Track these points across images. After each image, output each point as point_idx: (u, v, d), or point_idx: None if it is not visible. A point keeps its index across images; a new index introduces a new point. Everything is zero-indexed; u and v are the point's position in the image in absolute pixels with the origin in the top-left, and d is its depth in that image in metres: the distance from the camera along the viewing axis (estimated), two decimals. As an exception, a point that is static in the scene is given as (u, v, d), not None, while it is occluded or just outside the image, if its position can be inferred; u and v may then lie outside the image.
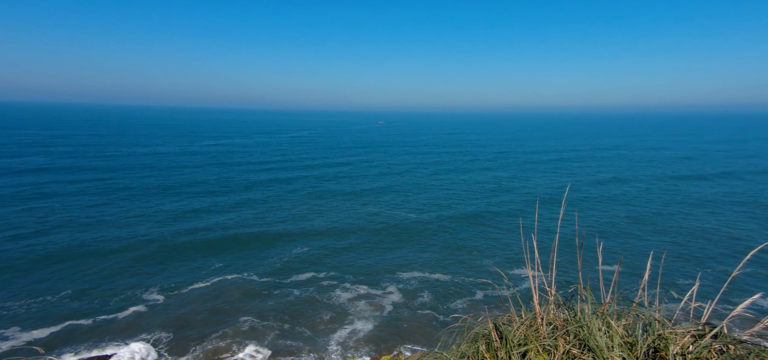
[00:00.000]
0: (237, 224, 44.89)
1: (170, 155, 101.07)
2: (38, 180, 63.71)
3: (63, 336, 23.36)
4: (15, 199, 51.03)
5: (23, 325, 24.04)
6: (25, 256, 33.91)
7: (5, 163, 78.70)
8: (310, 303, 28.15)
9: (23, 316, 24.98)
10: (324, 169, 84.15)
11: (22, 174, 68.55)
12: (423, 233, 43.78)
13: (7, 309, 25.69)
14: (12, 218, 43.07)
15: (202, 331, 24.30)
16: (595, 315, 4.17)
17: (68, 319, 24.79)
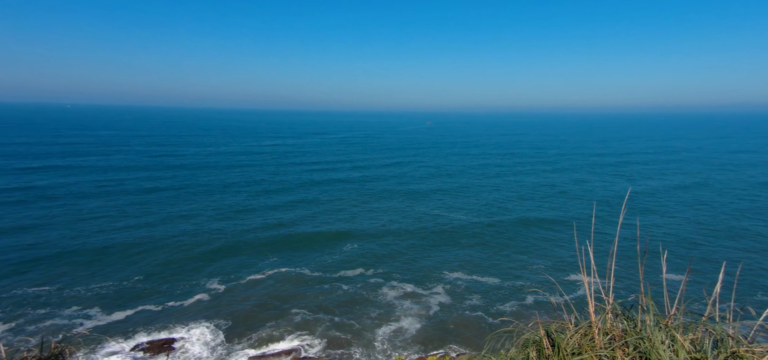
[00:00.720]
0: (291, 222, 46.79)
1: (231, 155, 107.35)
2: (118, 177, 70.55)
3: (136, 318, 25.74)
4: (100, 195, 56.81)
5: (103, 306, 26.79)
6: (107, 245, 37.72)
7: (91, 162, 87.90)
8: (358, 299, 28.72)
9: (103, 299, 27.81)
10: (374, 170, 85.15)
11: (107, 171, 76.22)
12: (472, 235, 42.98)
13: (91, 291, 28.76)
14: (98, 211, 48.03)
15: (257, 320, 25.67)
16: (658, 327, 3.93)
17: (141, 304, 27.26)
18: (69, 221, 43.75)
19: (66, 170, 74.39)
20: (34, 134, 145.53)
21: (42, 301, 26.86)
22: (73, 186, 60.69)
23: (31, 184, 61.23)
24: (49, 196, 54.44)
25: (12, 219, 43.59)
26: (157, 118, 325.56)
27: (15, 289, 28.22)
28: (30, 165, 78.36)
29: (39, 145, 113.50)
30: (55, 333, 23.30)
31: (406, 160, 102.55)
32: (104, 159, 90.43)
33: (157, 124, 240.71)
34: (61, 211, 47.65)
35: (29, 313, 25.46)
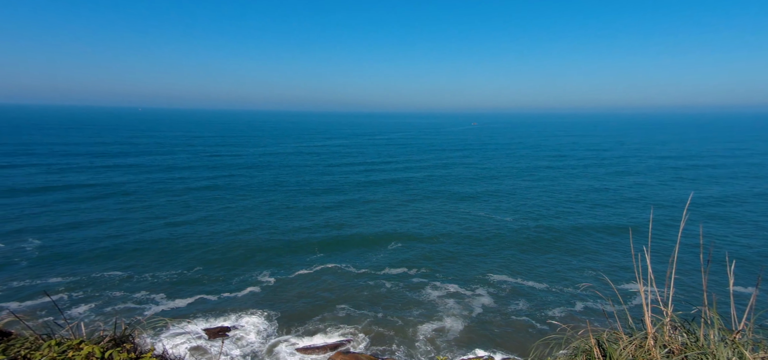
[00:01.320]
0: (338, 221, 47.95)
1: (282, 155, 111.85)
2: (182, 175, 75.99)
3: (195, 305, 27.69)
4: (166, 192, 61.53)
5: (168, 293, 29.06)
6: (172, 238, 40.81)
7: (160, 160, 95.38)
8: (401, 297, 28.91)
9: (168, 286, 30.15)
10: (419, 171, 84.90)
11: (173, 170, 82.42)
12: (519, 238, 41.65)
13: (157, 278, 31.27)
14: (165, 207, 52.09)
15: (305, 312, 26.66)
16: (723, 342, 3.66)
17: (200, 293, 29.23)
18: (141, 216, 47.86)
19: (139, 168, 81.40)
20: (112, 135, 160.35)
21: (117, 286, 29.63)
22: (145, 183, 66.22)
23: (110, 180, 67.63)
24: (124, 191, 59.83)
25: (95, 213, 48.40)
26: (214, 121, 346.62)
27: (96, 274, 31.36)
28: (109, 163, 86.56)
29: (117, 144, 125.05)
30: (127, 314, 25.65)
31: (452, 162, 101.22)
32: (170, 158, 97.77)
33: (216, 126, 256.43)
34: (135, 205, 52.23)
35: (107, 295, 28.19)
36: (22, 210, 47.24)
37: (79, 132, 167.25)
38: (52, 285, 29.17)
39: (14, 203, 50.02)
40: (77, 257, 34.27)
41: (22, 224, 42.05)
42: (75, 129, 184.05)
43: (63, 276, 30.74)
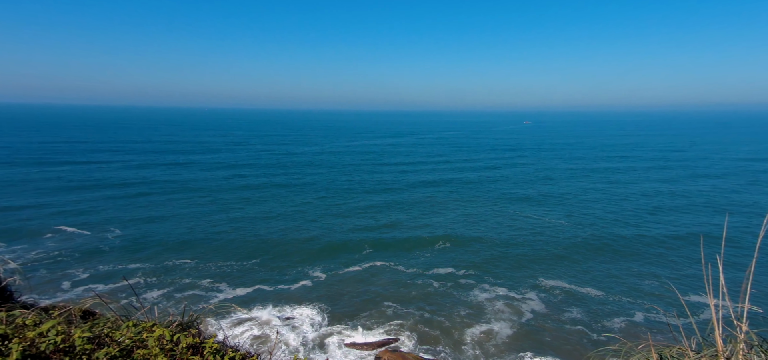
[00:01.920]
0: (387, 220, 48.59)
1: (334, 153, 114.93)
2: (242, 173, 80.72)
3: (254, 294, 29.47)
4: (229, 189, 65.72)
5: (229, 282, 31.10)
6: (233, 231, 43.60)
7: (222, 158, 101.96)
8: (448, 297, 28.64)
9: (230, 276, 32.27)
10: (469, 172, 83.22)
11: (233, 167, 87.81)
12: (574, 242, 39.58)
13: (219, 268, 33.54)
14: (228, 203, 55.74)
15: (354, 307, 27.34)
16: (808, 367, 3.28)
17: (257, 283, 30.97)
18: (207, 210, 51.74)
19: (205, 166, 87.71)
20: (179, 134, 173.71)
21: (186, 273, 32.28)
22: (210, 179, 71.21)
23: (179, 177, 73.52)
24: (192, 187, 64.78)
25: (168, 207, 53.03)
26: (272, 120, 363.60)
27: (168, 262, 34.36)
28: (180, 160, 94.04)
29: (186, 142, 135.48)
30: (194, 300, 27.82)
31: (504, 162, 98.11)
32: (231, 156, 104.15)
33: (273, 125, 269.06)
34: (202, 200, 56.50)
35: (177, 282, 30.78)
36: (106, 203, 52.78)
37: (155, 131, 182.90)
38: (131, 270, 32.35)
39: (99, 196, 55.98)
40: (152, 246, 37.70)
41: (107, 215, 46.95)
42: (151, 128, 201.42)
43: (140, 262, 33.98)
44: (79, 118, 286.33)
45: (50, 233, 39.74)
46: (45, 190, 58.27)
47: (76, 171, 74.76)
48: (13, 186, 60.41)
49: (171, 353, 3.61)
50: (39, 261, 33.20)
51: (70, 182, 64.29)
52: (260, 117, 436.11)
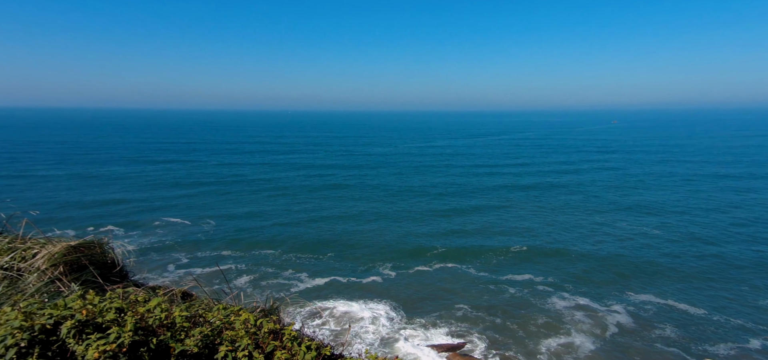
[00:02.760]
0: (460, 222, 47.77)
1: (407, 155, 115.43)
2: (321, 173, 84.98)
3: (329, 286, 30.96)
4: (310, 188, 69.69)
5: (309, 273, 33.09)
6: (312, 229, 46.17)
7: (303, 159, 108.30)
8: (523, 304, 27.34)
9: (307, 269, 34.24)
10: (549, 176, 77.55)
11: (314, 168, 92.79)
12: (671, 256, 35.41)
13: (300, 260, 35.83)
14: (309, 201, 59.18)
15: (423, 306, 27.40)
16: None
17: (332, 276, 32.52)
18: (289, 208, 55.46)
19: (288, 166, 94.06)
20: (264, 134, 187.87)
21: (270, 263, 35.00)
22: (293, 179, 76.17)
23: (263, 176, 79.78)
24: (277, 186, 69.93)
25: (254, 203, 57.99)
26: (351, 122, 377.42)
27: (255, 252, 37.53)
28: (263, 160, 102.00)
29: (269, 143, 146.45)
30: (276, 288, 30.00)
31: (589, 166, 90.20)
32: (311, 157, 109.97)
33: (351, 127, 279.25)
34: (285, 198, 60.75)
35: (262, 271, 33.50)
36: (203, 198, 59.01)
37: (244, 132, 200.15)
38: (223, 258, 35.85)
39: (197, 192, 62.73)
40: (241, 237, 41.44)
41: (204, 209, 52.51)
42: (242, 130, 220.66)
43: (231, 251, 37.53)
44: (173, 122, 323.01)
45: (158, 222, 45.52)
46: (153, 185, 66.85)
47: (178, 169, 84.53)
48: (126, 180, 70.37)
49: (254, 336, 3.97)
50: (149, 246, 38.23)
51: (173, 179, 72.90)
52: (339, 119, 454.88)
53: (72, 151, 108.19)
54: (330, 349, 4.35)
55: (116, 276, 5.15)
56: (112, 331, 3.29)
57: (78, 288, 4.31)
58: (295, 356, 3.85)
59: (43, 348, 3.10)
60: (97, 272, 4.79)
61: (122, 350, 3.20)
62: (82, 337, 3.24)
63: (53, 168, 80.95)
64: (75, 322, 3.28)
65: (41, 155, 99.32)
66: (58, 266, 4.55)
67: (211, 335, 3.79)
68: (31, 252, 4.60)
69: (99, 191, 61.33)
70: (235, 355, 3.64)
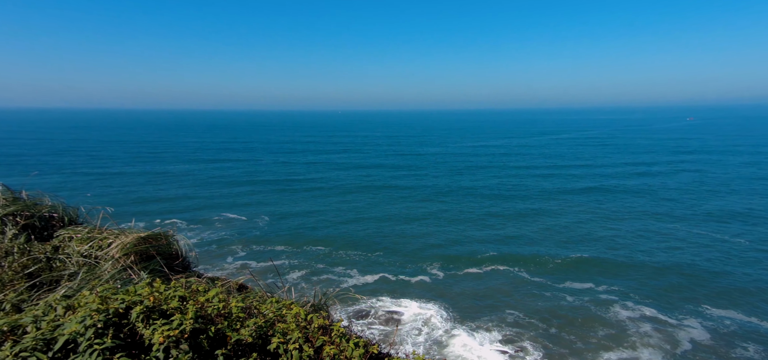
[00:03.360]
0: (515, 228, 45.96)
1: (460, 156, 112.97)
2: (371, 173, 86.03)
3: (377, 284, 31.22)
4: (360, 188, 70.85)
5: (361, 268, 33.66)
6: (363, 227, 46.81)
7: (352, 158, 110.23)
8: (582, 314, 25.73)
9: (357, 265, 34.80)
10: (614, 179, 71.81)
11: (362, 168, 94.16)
12: (758, 266, 31.43)
13: (350, 257, 36.50)
14: (369, 201, 60.08)
15: (472, 309, 26.76)
16: None
17: (381, 273, 32.80)
18: (339, 205, 56.76)
19: (336, 165, 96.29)
20: (316, 134, 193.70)
21: (321, 260, 35.99)
22: (342, 179, 77.75)
23: (314, 175, 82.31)
24: (326, 185, 71.86)
25: (306, 201, 60.11)
26: (397, 121, 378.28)
27: (306, 248, 38.81)
28: (315, 159, 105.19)
29: (321, 142, 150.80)
30: (326, 283, 30.77)
31: (660, 168, 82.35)
32: (362, 156, 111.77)
33: (399, 126, 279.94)
34: (335, 196, 62.39)
35: (313, 266, 34.58)
36: (258, 196, 61.98)
37: (297, 131, 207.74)
38: (276, 253, 37.44)
39: (252, 190, 65.91)
40: (294, 233, 43.03)
41: (259, 206, 55.13)
42: (294, 129, 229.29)
43: (283, 246, 39.10)
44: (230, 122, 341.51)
45: (217, 218, 48.42)
46: (213, 183, 71.11)
47: (236, 167, 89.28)
48: (188, 178, 75.61)
49: (304, 330, 4.06)
50: (208, 240, 40.78)
51: (232, 177, 77.16)
52: (387, 118, 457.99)
53: (143, 151, 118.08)
54: (377, 347, 4.34)
55: (179, 266, 5.53)
56: (176, 317, 3.51)
57: (146, 276, 4.68)
58: (343, 352, 3.89)
59: (116, 330, 3.36)
60: (163, 262, 5.18)
61: (184, 336, 3.39)
62: (149, 322, 3.49)
63: (127, 165, 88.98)
64: (143, 308, 3.53)
65: (117, 154, 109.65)
66: (129, 255, 4.97)
67: (264, 327, 3.93)
68: (106, 242, 5.06)
69: (165, 188, 66.47)
70: (286, 347, 3.74)
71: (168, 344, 3.26)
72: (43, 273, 4.57)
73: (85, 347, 3.06)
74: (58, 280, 4.50)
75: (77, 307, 3.52)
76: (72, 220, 5.76)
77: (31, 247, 5.00)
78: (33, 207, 5.50)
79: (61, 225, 5.56)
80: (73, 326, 3.15)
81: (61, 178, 72.65)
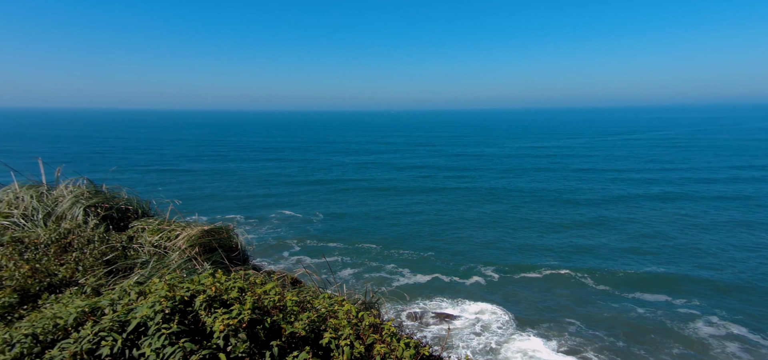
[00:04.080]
0: (580, 235, 43.26)
1: (517, 157, 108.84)
2: (426, 174, 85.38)
3: (431, 284, 30.92)
4: (424, 188, 70.68)
5: (412, 268, 33.56)
6: (415, 227, 46.75)
7: (408, 160, 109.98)
8: (655, 327, 23.54)
9: (409, 264, 34.75)
10: (699, 184, 64.31)
11: (414, 169, 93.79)
12: None
13: (401, 256, 36.51)
14: (422, 201, 60.02)
15: (530, 315, 25.60)
16: None
17: (434, 273, 32.47)
18: (392, 206, 57.18)
19: (390, 166, 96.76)
20: (369, 134, 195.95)
21: (374, 258, 36.40)
22: (399, 180, 77.96)
23: (367, 176, 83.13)
24: (382, 186, 72.53)
25: (359, 200, 61.16)
26: (451, 120, 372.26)
27: (359, 245, 39.47)
28: (368, 159, 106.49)
29: (374, 143, 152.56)
30: (377, 281, 31.01)
31: (752, 173, 72.63)
32: (415, 157, 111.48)
33: (450, 125, 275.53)
34: (387, 196, 62.96)
35: (365, 264, 35.09)
36: (312, 195, 63.79)
37: (350, 131, 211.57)
38: (329, 249, 38.42)
39: (310, 190, 67.99)
40: (346, 231, 44.01)
41: (313, 204, 56.87)
42: (347, 129, 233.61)
43: (336, 243, 40.05)
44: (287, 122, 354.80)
45: (274, 214, 50.62)
46: (270, 181, 74.50)
47: (293, 167, 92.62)
48: (247, 175, 79.80)
49: (355, 327, 4.04)
50: (265, 235, 42.69)
51: (288, 176, 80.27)
52: (439, 118, 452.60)
53: (206, 150, 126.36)
54: (429, 349, 4.22)
55: (238, 259, 5.80)
56: (235, 307, 3.65)
57: (209, 267, 4.96)
58: (394, 351, 3.82)
59: (181, 316, 3.56)
60: (224, 254, 5.46)
61: (242, 326, 3.51)
62: (211, 311, 3.65)
63: (192, 163, 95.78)
64: (206, 297, 3.72)
65: (182, 152, 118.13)
66: (194, 247, 5.30)
67: (316, 321, 3.97)
68: (174, 233, 5.44)
69: (226, 184, 70.82)
70: (337, 343, 3.75)
71: (228, 332, 3.39)
72: (119, 260, 5.05)
73: (154, 331, 3.26)
74: (132, 267, 4.93)
75: (148, 293, 3.79)
76: (145, 212, 6.32)
77: (109, 236, 5.56)
78: (111, 200, 6.13)
79: (135, 217, 6.12)
80: (144, 311, 3.38)
81: (134, 175, 79.26)
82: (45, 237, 5.25)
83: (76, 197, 5.87)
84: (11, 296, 4.01)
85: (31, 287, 4.26)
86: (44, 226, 5.56)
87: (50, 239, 5.20)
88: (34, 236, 5.29)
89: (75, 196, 5.86)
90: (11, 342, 3.12)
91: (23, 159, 7.21)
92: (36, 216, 5.69)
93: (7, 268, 4.42)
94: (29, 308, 3.99)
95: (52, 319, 3.37)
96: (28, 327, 3.27)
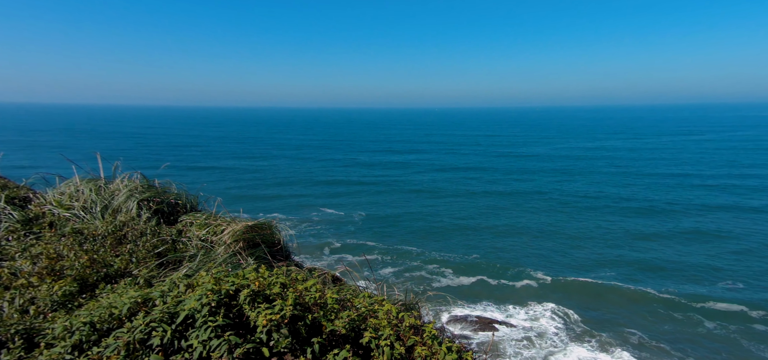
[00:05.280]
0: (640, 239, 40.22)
1: (569, 158, 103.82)
2: (469, 176, 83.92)
3: (475, 286, 30.22)
4: (470, 190, 69.56)
5: (455, 270, 32.99)
6: (459, 229, 46.10)
7: (451, 160, 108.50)
8: (727, 343, 21.46)
9: (453, 265, 34.16)
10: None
11: (459, 170, 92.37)
12: None
13: (443, 257, 36.01)
14: (466, 202, 59.19)
15: (585, 323, 24.27)
16: None
17: (479, 276, 31.68)
18: (435, 207, 56.94)
19: (432, 166, 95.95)
20: (413, 133, 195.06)
21: (414, 258, 36.19)
22: (443, 181, 76.54)
23: (408, 178, 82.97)
24: (421, 188, 72.24)
25: (401, 200, 61.28)
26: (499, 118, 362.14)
27: (399, 246, 39.40)
28: (411, 159, 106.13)
29: (418, 142, 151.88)
30: (418, 282, 30.73)
31: None
32: (460, 157, 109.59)
33: (496, 124, 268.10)
34: (428, 197, 62.28)
35: (406, 264, 34.96)
36: (354, 195, 63.99)
37: (394, 129, 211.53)
38: (369, 248, 38.64)
39: (352, 190, 68.20)
40: (387, 231, 44.10)
41: (355, 203, 57.31)
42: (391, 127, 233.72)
43: (377, 242, 40.22)
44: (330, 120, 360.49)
45: (315, 212, 51.58)
46: (313, 179, 75.81)
47: (334, 166, 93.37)
48: (290, 173, 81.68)
49: (396, 328, 3.94)
50: (307, 232, 43.54)
51: (330, 175, 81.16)
52: (484, 115, 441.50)
53: (249, 147, 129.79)
54: (471, 354, 4.03)
55: (280, 255, 5.90)
56: (277, 303, 3.68)
57: (253, 262, 5.07)
58: (435, 355, 3.70)
59: (226, 309, 3.64)
60: (267, 250, 5.57)
61: (284, 321, 3.53)
62: (255, 305, 3.71)
63: (236, 160, 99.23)
64: (250, 292, 3.78)
65: (227, 150, 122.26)
66: (238, 242, 5.46)
67: (357, 320, 3.92)
68: (220, 228, 5.64)
69: (269, 181, 73.01)
70: (377, 342, 3.68)
71: (270, 327, 3.42)
72: (169, 253, 5.32)
73: (201, 323, 3.35)
74: (181, 260, 5.16)
75: (195, 286, 3.91)
76: (193, 207, 6.63)
77: (160, 229, 5.87)
78: (163, 194, 6.49)
79: (184, 211, 6.43)
80: (192, 303, 3.48)
81: (181, 170, 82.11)
82: (102, 229, 5.65)
83: (131, 191, 6.29)
84: (71, 285, 4.31)
85: (90, 277, 4.57)
86: (102, 219, 5.99)
87: (107, 231, 5.59)
88: (92, 228, 5.69)
89: (130, 190, 6.28)
90: (71, 329, 3.32)
91: (81, 154, 7.77)
92: (94, 208, 6.12)
93: (68, 258, 4.77)
94: (87, 297, 4.27)
95: (108, 308, 3.56)
96: (87, 315, 3.47)
